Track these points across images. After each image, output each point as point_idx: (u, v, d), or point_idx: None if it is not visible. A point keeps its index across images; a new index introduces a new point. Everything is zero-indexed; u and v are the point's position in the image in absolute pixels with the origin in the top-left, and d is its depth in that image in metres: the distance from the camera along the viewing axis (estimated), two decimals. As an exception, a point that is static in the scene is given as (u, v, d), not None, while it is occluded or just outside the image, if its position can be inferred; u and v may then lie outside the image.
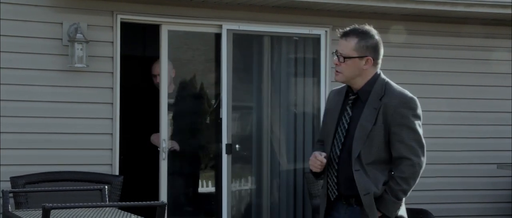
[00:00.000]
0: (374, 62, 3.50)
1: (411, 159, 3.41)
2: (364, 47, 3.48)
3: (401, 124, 3.41)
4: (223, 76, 6.24)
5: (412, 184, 3.43)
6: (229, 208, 6.25)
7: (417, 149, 3.42)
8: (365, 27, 3.55)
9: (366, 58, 3.48)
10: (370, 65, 3.49)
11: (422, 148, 3.44)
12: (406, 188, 3.43)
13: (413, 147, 3.41)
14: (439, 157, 6.75)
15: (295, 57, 6.63)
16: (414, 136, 3.42)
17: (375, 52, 3.51)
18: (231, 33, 6.24)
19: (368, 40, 3.49)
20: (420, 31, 6.72)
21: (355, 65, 3.48)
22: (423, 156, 3.44)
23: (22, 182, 5.36)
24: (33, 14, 5.64)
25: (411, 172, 3.41)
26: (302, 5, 6.19)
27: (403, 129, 3.41)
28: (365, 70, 3.49)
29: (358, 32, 3.51)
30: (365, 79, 3.51)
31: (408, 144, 3.41)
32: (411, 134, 3.42)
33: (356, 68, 3.48)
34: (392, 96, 3.45)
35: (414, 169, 3.42)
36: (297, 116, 6.62)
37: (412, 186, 3.44)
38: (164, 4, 6.00)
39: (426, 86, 6.69)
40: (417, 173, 3.43)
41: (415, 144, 3.42)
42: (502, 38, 6.97)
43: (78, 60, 5.63)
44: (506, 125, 6.96)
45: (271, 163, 6.58)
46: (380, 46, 3.53)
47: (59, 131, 5.70)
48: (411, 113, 3.43)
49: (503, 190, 6.95)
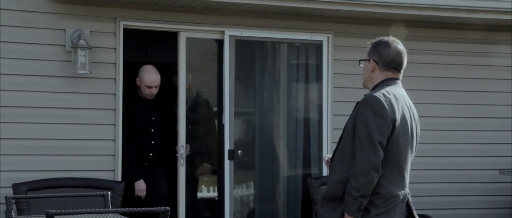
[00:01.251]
0: (379, 66, 3.57)
1: (357, 157, 3.42)
2: (372, 52, 3.64)
3: (359, 120, 3.46)
4: (225, 82, 6.25)
5: (360, 180, 3.40)
6: (231, 214, 6.25)
7: (365, 146, 3.40)
8: (387, 37, 3.68)
9: (371, 61, 3.60)
10: (375, 69, 3.60)
11: (371, 147, 3.39)
12: (355, 185, 3.41)
13: (361, 143, 3.41)
14: (440, 162, 6.76)
15: (297, 63, 6.64)
16: (364, 131, 3.42)
17: (379, 56, 3.59)
18: (233, 39, 6.26)
19: (378, 46, 3.63)
20: (421, 37, 6.73)
21: (366, 69, 3.67)
22: (371, 154, 3.39)
23: (24, 188, 5.37)
24: (36, 20, 5.66)
25: (358, 169, 3.41)
26: (304, 11, 6.21)
27: (359, 125, 3.45)
28: (373, 74, 3.62)
29: (377, 41, 3.67)
30: (373, 84, 3.63)
31: (358, 141, 3.44)
32: (362, 130, 3.43)
33: (366, 72, 3.66)
34: (364, 96, 3.54)
35: (360, 165, 3.40)
36: (299, 121, 6.63)
37: (361, 183, 3.40)
38: (166, 10, 6.01)
39: (426, 92, 6.70)
40: (364, 170, 3.40)
41: (364, 140, 3.41)
42: (503, 44, 6.98)
43: (80, 67, 5.64)
44: (507, 131, 6.96)
45: (274, 169, 6.58)
46: (387, 52, 3.59)
47: (62, 137, 5.71)
48: (370, 109, 3.44)
49: (505, 196, 6.95)
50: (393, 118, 3.45)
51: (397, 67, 3.63)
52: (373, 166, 3.40)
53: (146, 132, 6.12)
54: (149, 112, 6.14)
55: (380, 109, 3.42)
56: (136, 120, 6.04)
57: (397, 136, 3.48)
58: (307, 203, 6.55)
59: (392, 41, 3.64)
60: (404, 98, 3.60)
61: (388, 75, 3.61)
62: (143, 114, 6.12)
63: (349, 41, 6.50)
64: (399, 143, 3.49)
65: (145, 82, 6.02)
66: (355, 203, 3.44)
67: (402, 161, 3.53)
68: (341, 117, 6.39)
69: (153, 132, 6.14)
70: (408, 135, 3.54)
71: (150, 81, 6.02)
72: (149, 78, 6.03)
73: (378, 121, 3.42)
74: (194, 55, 6.71)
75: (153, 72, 6.06)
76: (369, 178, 3.41)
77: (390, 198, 3.50)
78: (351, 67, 6.36)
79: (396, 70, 3.63)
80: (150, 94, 6.05)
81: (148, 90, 6.03)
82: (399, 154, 3.51)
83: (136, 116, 6.05)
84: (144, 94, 6.07)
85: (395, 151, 3.49)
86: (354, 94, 6.22)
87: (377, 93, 3.49)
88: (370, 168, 3.40)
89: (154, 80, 6.03)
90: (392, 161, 3.50)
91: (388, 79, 3.60)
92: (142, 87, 6.05)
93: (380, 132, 3.41)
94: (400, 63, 3.63)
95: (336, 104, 6.49)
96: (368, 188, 3.43)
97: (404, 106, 3.56)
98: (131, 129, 5.98)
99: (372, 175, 3.41)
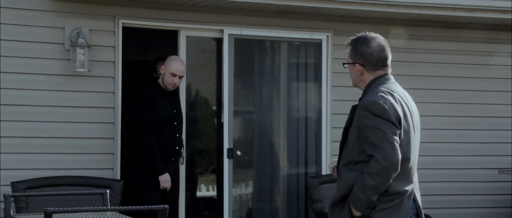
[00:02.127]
0: (366, 68, 3.57)
1: (375, 156, 3.40)
2: (354, 54, 3.62)
3: (365, 126, 3.45)
4: (224, 80, 6.25)
5: (377, 179, 3.39)
6: (230, 213, 6.25)
7: (381, 146, 3.39)
8: (364, 34, 3.64)
9: (357, 65, 3.60)
10: (363, 71, 3.59)
11: (389, 145, 3.39)
12: (372, 184, 3.40)
13: (376, 144, 3.40)
14: (440, 162, 6.76)
15: (297, 62, 6.64)
16: (377, 134, 3.41)
17: (364, 59, 3.58)
18: (232, 38, 6.26)
19: (358, 48, 3.60)
20: (421, 36, 6.73)
21: (353, 71, 3.64)
22: (391, 152, 3.38)
23: (23, 186, 5.37)
24: (35, 18, 5.66)
25: (376, 167, 3.39)
26: (303, 10, 6.21)
27: (369, 129, 3.43)
28: (362, 76, 3.61)
29: (354, 40, 3.64)
30: (365, 85, 3.62)
31: (372, 142, 3.42)
32: (373, 132, 3.41)
33: (355, 74, 3.64)
34: (361, 101, 3.53)
35: (379, 165, 3.38)
36: (299, 120, 6.63)
37: (378, 182, 3.39)
38: (165, 8, 6.01)
39: (426, 91, 6.69)
40: (383, 169, 3.39)
41: (378, 141, 3.40)
42: (503, 43, 6.98)
43: (80, 65, 5.64)
44: (507, 130, 6.96)
45: (273, 168, 6.58)
46: (370, 52, 3.57)
47: (61, 135, 5.71)
48: (372, 114, 3.43)
49: (504, 195, 6.95)
50: (398, 117, 3.47)
51: (384, 63, 3.60)
52: (393, 165, 3.39)
53: (170, 124, 5.91)
54: (171, 104, 5.94)
55: (385, 114, 3.43)
56: (160, 111, 5.83)
57: (403, 133, 3.49)
58: (306, 202, 6.55)
59: (371, 39, 3.60)
60: (400, 93, 3.59)
61: (378, 74, 3.60)
62: (166, 105, 5.90)
63: (349, 40, 6.49)
64: (405, 140, 3.50)
65: (171, 70, 5.79)
66: (366, 202, 3.43)
67: (409, 156, 3.53)
68: (340, 115, 6.39)
69: (176, 124, 5.95)
70: (410, 130, 3.54)
71: (176, 70, 5.81)
72: (177, 67, 5.82)
73: (385, 124, 3.42)
74: (193, 53, 6.70)
75: (180, 62, 5.90)
76: (387, 177, 3.40)
77: (393, 194, 3.49)
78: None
79: (384, 66, 3.61)
80: (173, 84, 5.82)
81: (171, 79, 5.80)
82: (406, 151, 3.51)
83: (160, 108, 5.84)
84: (166, 84, 5.82)
85: (402, 148, 3.48)
86: (353, 93, 6.20)
87: (375, 97, 3.48)
88: (391, 167, 3.39)
89: (180, 70, 5.85)
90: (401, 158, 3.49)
91: (379, 77, 3.59)
92: (166, 76, 5.81)
93: (393, 132, 3.41)
94: (385, 59, 3.60)
95: (335, 103, 6.49)
96: (384, 187, 3.44)
97: (402, 103, 3.55)
98: (154, 122, 5.78)
99: (391, 175, 3.41)
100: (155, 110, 5.78)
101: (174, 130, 5.91)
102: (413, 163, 3.58)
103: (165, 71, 5.81)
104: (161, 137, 5.79)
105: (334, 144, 6.43)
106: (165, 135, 5.83)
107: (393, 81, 3.62)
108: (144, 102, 5.79)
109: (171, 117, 5.89)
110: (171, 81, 5.80)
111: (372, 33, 3.63)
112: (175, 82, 5.82)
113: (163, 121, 5.83)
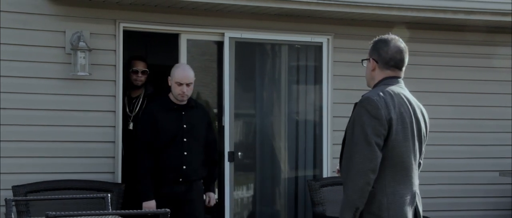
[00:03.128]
0: (379, 65, 3.57)
1: (355, 157, 3.40)
2: (372, 50, 3.63)
3: (355, 122, 3.45)
4: (225, 84, 6.25)
5: (358, 182, 3.37)
6: (231, 216, 6.25)
7: (362, 146, 3.38)
8: (388, 35, 3.66)
9: (371, 60, 3.60)
10: (375, 67, 3.59)
11: (369, 146, 3.37)
12: (353, 187, 3.39)
13: (358, 144, 3.39)
14: (440, 164, 6.76)
15: (297, 65, 6.64)
16: (360, 132, 3.40)
17: (378, 55, 3.58)
18: (233, 41, 6.26)
19: (378, 44, 3.62)
20: (421, 39, 6.74)
21: (368, 68, 3.66)
22: (370, 153, 3.37)
23: (24, 190, 5.36)
24: (35, 22, 5.66)
25: (355, 170, 3.39)
26: (304, 13, 6.21)
27: (356, 126, 3.43)
28: (373, 73, 3.61)
29: (377, 38, 3.65)
30: (374, 83, 3.62)
31: (354, 142, 3.41)
32: (358, 131, 3.41)
33: (368, 71, 3.66)
34: (360, 99, 3.53)
35: (357, 166, 3.38)
36: (299, 123, 6.63)
37: (359, 184, 3.37)
38: (166, 12, 6.01)
39: (426, 94, 6.69)
40: (362, 171, 3.37)
41: (360, 141, 3.39)
42: (503, 46, 6.98)
43: (80, 69, 5.64)
44: (507, 132, 6.97)
45: (274, 171, 6.58)
46: (386, 49, 3.57)
47: (61, 139, 5.71)
48: (365, 110, 3.42)
49: (505, 197, 6.96)
50: (389, 117, 3.42)
51: (397, 65, 3.59)
52: (370, 167, 3.37)
53: (177, 142, 5.38)
54: (181, 118, 5.44)
55: (374, 110, 3.40)
56: (163, 128, 5.35)
57: (396, 135, 3.44)
58: (307, 205, 6.54)
59: (391, 39, 3.60)
60: (404, 96, 3.55)
61: (387, 74, 3.58)
62: (173, 121, 5.40)
63: (349, 43, 6.50)
64: (398, 143, 3.46)
65: (176, 79, 5.35)
66: (350, 209, 3.41)
67: (405, 160, 3.49)
68: (341, 118, 6.39)
69: (185, 141, 5.40)
70: (408, 134, 3.50)
71: (181, 78, 5.34)
72: (181, 74, 5.36)
73: (372, 122, 3.39)
74: (194, 57, 6.70)
75: (184, 68, 5.44)
76: (366, 180, 3.38)
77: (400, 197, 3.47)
78: (351, 69, 6.37)
79: (396, 68, 3.59)
80: (181, 94, 5.35)
81: (178, 89, 5.35)
82: (400, 153, 3.47)
83: (164, 124, 5.35)
84: (175, 95, 5.39)
85: (396, 151, 3.46)
86: (354, 96, 6.20)
87: (372, 94, 3.47)
88: (367, 169, 3.37)
89: (185, 76, 5.36)
90: (394, 161, 3.47)
91: (388, 77, 3.58)
92: (173, 86, 5.40)
93: (375, 132, 3.38)
94: (400, 61, 3.59)
95: (336, 106, 6.49)
96: (364, 191, 3.39)
97: (403, 104, 3.51)
98: (154, 142, 5.33)
99: (370, 177, 3.38)
100: (156, 128, 5.36)
101: (181, 147, 5.40)
102: (415, 166, 3.57)
103: (171, 82, 5.43)
104: (162, 156, 5.37)
105: (335, 147, 6.43)
106: (168, 154, 5.37)
107: (401, 85, 3.60)
108: (143, 120, 5.47)
109: (177, 134, 5.40)
110: (179, 92, 5.37)
111: (395, 36, 3.64)
112: (184, 91, 5.36)
113: (167, 138, 5.37)
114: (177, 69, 5.47)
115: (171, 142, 5.37)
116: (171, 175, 5.38)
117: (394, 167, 3.47)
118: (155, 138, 5.36)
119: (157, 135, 5.36)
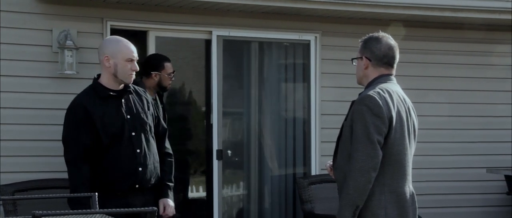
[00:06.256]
0: (372, 63, 3.58)
1: (356, 155, 3.41)
2: (363, 48, 3.64)
3: (356, 120, 3.46)
4: (213, 82, 6.25)
5: (359, 179, 3.38)
6: (220, 214, 6.25)
7: (364, 144, 3.39)
8: (377, 33, 3.67)
9: (364, 58, 3.60)
10: (368, 65, 3.60)
11: (371, 144, 3.38)
12: (354, 184, 3.39)
13: (359, 142, 3.40)
14: (428, 161, 6.78)
15: (285, 63, 6.65)
16: (363, 130, 3.41)
17: (371, 53, 3.59)
18: (221, 39, 6.26)
19: (369, 42, 3.63)
20: (410, 37, 6.74)
21: (359, 66, 3.66)
22: (372, 151, 3.38)
23: (11, 190, 5.34)
24: (22, 21, 5.63)
25: (356, 167, 3.40)
26: (291, 11, 6.21)
27: (358, 124, 3.44)
28: (366, 71, 3.62)
29: (367, 37, 3.67)
30: (367, 81, 3.63)
31: (355, 140, 3.43)
32: (360, 129, 3.42)
33: (360, 70, 3.66)
34: (359, 96, 3.54)
35: (359, 164, 3.39)
36: (288, 121, 6.64)
37: (360, 182, 3.38)
38: (154, 10, 6.00)
39: (422, 91, 6.70)
40: (363, 168, 3.38)
41: (362, 139, 3.40)
42: (502, 44, 7.00)
43: (68, 67, 5.62)
44: (495, 129, 6.99)
45: (262, 169, 6.59)
46: (379, 47, 3.60)
47: (49, 138, 5.68)
48: (367, 108, 3.43)
49: (492, 194, 6.98)
50: (390, 115, 3.46)
51: (390, 62, 3.62)
52: (372, 164, 3.39)
53: (125, 138, 4.20)
54: (121, 108, 4.24)
55: (376, 108, 3.42)
56: (100, 122, 4.17)
57: (394, 133, 3.48)
58: (296, 203, 6.55)
59: (382, 37, 3.63)
60: (399, 94, 3.59)
61: (381, 71, 3.61)
62: (113, 113, 4.21)
63: (337, 40, 6.51)
64: (397, 140, 3.50)
65: (124, 54, 4.20)
66: (350, 207, 3.42)
67: (403, 158, 3.53)
68: (329, 116, 6.41)
69: (134, 135, 4.23)
70: (405, 132, 3.54)
71: (129, 52, 4.23)
72: (128, 47, 4.24)
73: (375, 120, 3.41)
74: (181, 54, 6.70)
75: (126, 41, 4.30)
76: (367, 177, 3.39)
77: (398, 195, 3.50)
78: (339, 66, 6.38)
79: (389, 65, 3.63)
80: (132, 72, 4.25)
81: (130, 65, 4.23)
82: (398, 152, 3.51)
83: (98, 116, 4.18)
84: (125, 76, 4.22)
85: (395, 149, 3.49)
86: (342, 93, 6.25)
87: (372, 92, 3.48)
88: (369, 167, 3.39)
89: (133, 49, 4.27)
90: (393, 159, 3.50)
91: (382, 75, 3.60)
92: (121, 65, 4.21)
93: (377, 130, 3.40)
94: (392, 58, 3.63)
95: (324, 104, 6.50)
96: (365, 189, 3.41)
97: (399, 103, 3.55)
98: (86, 143, 4.16)
99: (371, 175, 3.40)
100: (92, 125, 4.17)
101: (131, 144, 4.21)
102: (410, 164, 3.59)
103: (115, 59, 4.21)
104: (106, 161, 4.19)
105: (324, 145, 6.44)
106: (113, 156, 4.19)
107: (394, 83, 3.64)
108: (71, 118, 4.31)
109: (122, 128, 4.19)
110: (133, 69, 4.23)
111: (386, 34, 3.67)
112: (136, 68, 4.26)
113: (108, 137, 4.18)
114: (119, 44, 4.26)
115: (115, 141, 4.17)
116: (124, 183, 4.19)
117: (393, 165, 3.50)
118: (93, 139, 4.18)
119: (95, 135, 4.18)
